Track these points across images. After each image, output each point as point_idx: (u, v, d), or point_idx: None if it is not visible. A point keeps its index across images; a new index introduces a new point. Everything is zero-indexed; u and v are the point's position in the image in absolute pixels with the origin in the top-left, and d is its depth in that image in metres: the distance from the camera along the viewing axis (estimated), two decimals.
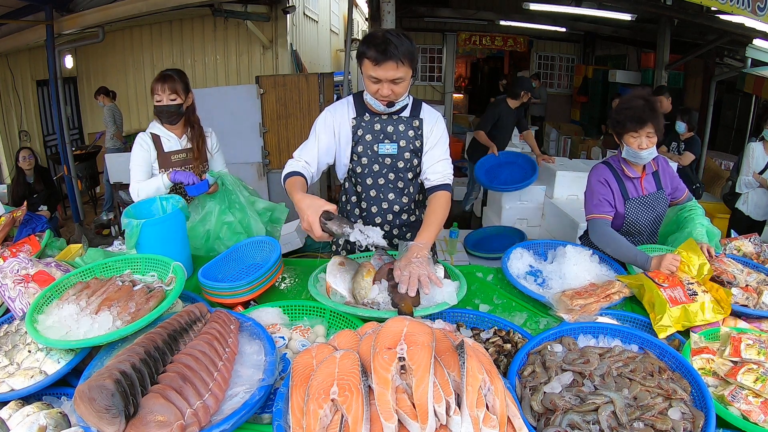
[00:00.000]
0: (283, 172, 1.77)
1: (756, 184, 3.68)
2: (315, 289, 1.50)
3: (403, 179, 1.87)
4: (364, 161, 1.83)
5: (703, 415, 1.04)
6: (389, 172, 1.85)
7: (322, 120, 1.82)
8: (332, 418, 0.85)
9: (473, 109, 13.07)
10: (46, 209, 4.46)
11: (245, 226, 2.11)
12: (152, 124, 2.27)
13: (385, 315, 1.33)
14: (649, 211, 2.01)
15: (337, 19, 12.13)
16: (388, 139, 1.80)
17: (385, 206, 1.90)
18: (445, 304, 1.40)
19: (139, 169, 2.21)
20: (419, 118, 1.82)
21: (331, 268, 1.56)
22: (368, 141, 1.81)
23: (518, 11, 7.94)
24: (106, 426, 0.89)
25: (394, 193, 1.88)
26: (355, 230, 1.40)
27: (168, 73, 2.19)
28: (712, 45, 6.12)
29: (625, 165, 2.01)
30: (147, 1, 5.00)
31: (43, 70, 5.58)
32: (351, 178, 1.89)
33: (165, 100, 2.16)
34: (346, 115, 1.81)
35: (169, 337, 1.09)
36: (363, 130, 1.80)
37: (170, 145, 2.25)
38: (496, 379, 0.90)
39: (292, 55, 7.29)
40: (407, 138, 1.81)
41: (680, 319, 1.41)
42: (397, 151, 1.82)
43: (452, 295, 1.44)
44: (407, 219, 1.95)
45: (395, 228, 1.95)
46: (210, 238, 2.09)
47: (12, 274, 1.45)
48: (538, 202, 4.64)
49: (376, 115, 1.80)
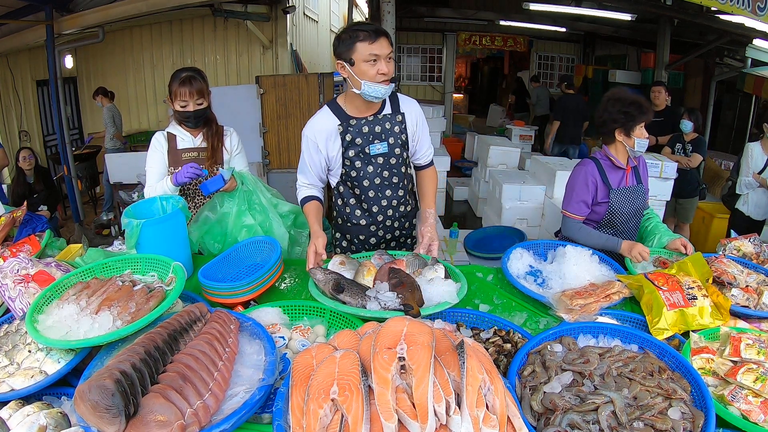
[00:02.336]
0: (298, 196, 1.94)
1: (756, 184, 3.67)
2: (315, 289, 1.50)
3: (397, 174, 1.94)
4: (357, 164, 1.87)
5: (702, 414, 1.04)
6: (383, 170, 1.90)
7: (305, 142, 1.87)
8: (332, 417, 0.85)
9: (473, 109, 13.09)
10: (46, 209, 4.46)
11: (266, 229, 1.97)
12: (171, 124, 2.14)
13: (386, 315, 1.32)
14: (630, 202, 2.11)
15: (337, 19, 12.14)
16: (377, 138, 1.85)
17: (384, 203, 1.96)
18: (446, 304, 1.40)
19: (152, 171, 2.09)
20: (401, 112, 1.88)
21: (332, 267, 1.59)
22: (359, 144, 1.84)
23: (518, 11, 7.96)
24: (106, 426, 0.89)
25: (390, 189, 1.95)
26: (371, 299, 1.38)
27: (190, 74, 1.99)
28: (712, 45, 6.13)
29: (613, 157, 2.10)
30: (147, 1, 5.01)
31: (43, 70, 5.59)
32: (346, 182, 1.92)
33: (192, 105, 2.00)
34: (328, 125, 1.83)
35: (169, 337, 1.09)
36: (351, 134, 1.83)
37: (184, 144, 2.11)
38: (496, 379, 0.90)
39: (292, 55, 7.29)
40: (394, 134, 1.87)
41: (677, 323, 1.40)
42: (388, 149, 1.87)
43: (452, 294, 1.45)
44: (404, 210, 2.03)
45: (396, 221, 2.02)
46: (226, 242, 1.98)
47: (12, 274, 1.45)
48: (538, 202, 4.65)
49: (360, 119, 1.83)
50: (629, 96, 2.06)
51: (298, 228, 2.13)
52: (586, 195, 2.09)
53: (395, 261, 1.63)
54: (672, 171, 4.06)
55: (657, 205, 4.09)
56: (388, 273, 1.48)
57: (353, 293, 1.40)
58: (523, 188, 4.65)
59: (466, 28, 9.92)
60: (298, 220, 2.14)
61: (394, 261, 1.63)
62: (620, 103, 2.04)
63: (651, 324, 1.41)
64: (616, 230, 2.13)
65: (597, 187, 2.09)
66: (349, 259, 1.68)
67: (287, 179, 5.57)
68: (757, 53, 5.95)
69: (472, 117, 11.58)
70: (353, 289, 1.41)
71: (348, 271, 1.61)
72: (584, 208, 2.10)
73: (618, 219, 2.10)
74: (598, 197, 2.10)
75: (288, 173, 5.59)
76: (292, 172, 6.27)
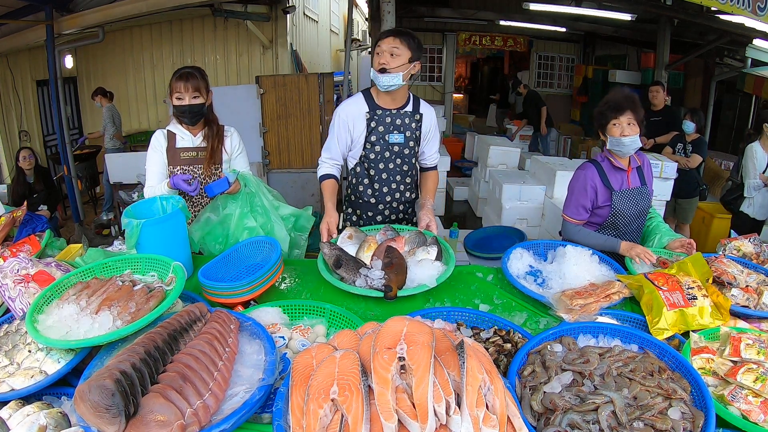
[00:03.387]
0: (318, 172, 2.19)
1: (762, 185, 3.63)
2: (322, 263, 1.73)
3: (407, 163, 2.22)
4: (377, 149, 2.15)
5: (702, 414, 1.04)
6: (397, 158, 2.19)
7: (337, 120, 2.15)
8: (332, 417, 0.85)
9: (473, 109, 13.09)
10: (46, 209, 4.46)
11: (267, 232, 2.01)
12: (171, 122, 2.14)
13: (368, 293, 1.56)
14: (634, 204, 2.08)
15: (337, 19, 12.13)
16: (396, 130, 2.14)
17: (393, 186, 2.24)
18: (424, 287, 1.59)
19: (152, 170, 2.11)
20: (419, 112, 2.19)
21: (341, 240, 1.88)
22: (380, 132, 2.13)
23: (518, 11, 7.95)
24: (106, 426, 0.89)
25: (400, 175, 2.23)
26: (361, 276, 1.63)
27: (189, 71, 2.05)
28: (712, 45, 6.13)
29: (613, 158, 2.08)
30: (147, 1, 5.00)
31: (43, 70, 5.59)
32: (364, 163, 2.19)
33: (187, 99, 2.03)
34: (358, 111, 2.11)
35: (169, 336, 1.09)
36: (376, 122, 2.11)
37: (183, 143, 2.12)
38: (496, 379, 0.90)
39: (292, 55, 7.29)
40: (411, 129, 2.16)
41: (677, 323, 1.40)
42: (404, 141, 2.16)
43: (432, 279, 1.61)
44: (409, 197, 2.31)
45: (401, 204, 2.30)
46: (228, 243, 1.99)
47: (12, 273, 1.45)
48: (538, 202, 4.65)
49: (386, 110, 2.12)
50: (611, 96, 2.05)
51: (297, 231, 2.16)
52: (584, 200, 2.08)
53: (397, 238, 1.86)
54: (672, 171, 4.06)
55: (657, 205, 4.09)
56: (384, 251, 1.70)
57: (349, 269, 1.65)
58: (523, 188, 4.64)
59: (466, 28, 9.91)
60: (298, 223, 2.16)
61: (396, 238, 1.86)
62: (602, 103, 2.06)
63: (651, 324, 1.41)
64: (619, 232, 2.10)
65: (597, 192, 2.07)
66: (358, 232, 1.96)
67: (287, 179, 5.58)
68: (757, 53, 5.95)
69: (472, 117, 11.58)
70: (350, 266, 1.66)
71: (353, 244, 1.87)
72: (583, 212, 2.09)
73: (621, 221, 2.08)
74: (599, 201, 2.08)
75: (288, 173, 5.59)
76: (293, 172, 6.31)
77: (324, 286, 1.71)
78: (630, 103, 1.99)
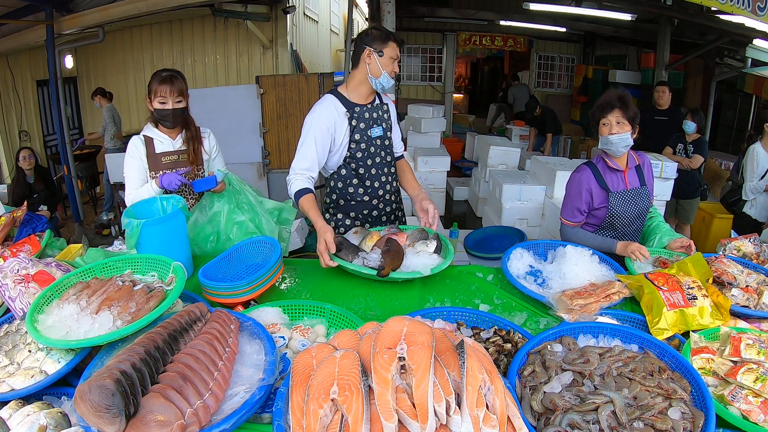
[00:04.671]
0: (291, 188, 2.03)
1: (762, 188, 3.61)
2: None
3: (389, 154, 2.25)
4: (362, 146, 2.13)
5: (703, 414, 1.04)
6: (381, 151, 2.20)
7: (315, 123, 2.04)
8: (332, 417, 0.85)
9: (473, 109, 13.08)
10: (46, 209, 4.45)
11: (256, 225, 2.07)
12: (146, 127, 2.11)
13: (362, 270, 1.65)
14: (632, 205, 2.06)
15: (337, 19, 12.12)
16: (375, 123, 2.15)
17: (383, 179, 2.24)
18: (417, 273, 1.66)
19: (131, 177, 2.08)
20: (384, 103, 2.24)
21: (349, 234, 1.96)
22: (362, 128, 2.12)
23: (518, 11, 7.96)
24: (106, 426, 0.89)
25: (386, 167, 2.24)
26: (359, 257, 1.72)
27: (172, 74, 2.03)
28: (712, 45, 6.12)
29: (608, 158, 2.06)
30: (147, 1, 5.00)
31: (43, 70, 5.58)
32: (350, 164, 2.16)
33: (171, 103, 2.01)
34: (336, 112, 2.07)
35: (169, 336, 1.09)
36: (357, 120, 2.10)
37: (163, 147, 2.09)
38: (496, 379, 0.90)
39: (292, 55, 7.29)
40: (384, 120, 2.20)
41: (677, 323, 1.40)
42: (383, 132, 2.19)
43: (427, 268, 1.68)
44: (395, 186, 2.34)
45: (391, 195, 2.31)
46: (220, 240, 2.03)
47: (12, 273, 1.45)
48: (538, 202, 4.65)
49: (362, 106, 2.12)
50: (603, 96, 2.04)
51: (281, 224, 2.19)
52: (579, 203, 2.07)
53: (399, 233, 1.89)
54: (672, 171, 4.05)
55: (657, 205, 4.06)
56: (385, 241, 1.77)
57: (349, 252, 1.73)
58: (523, 188, 4.64)
59: (466, 28, 9.92)
60: (281, 216, 2.20)
61: (398, 233, 1.89)
62: (595, 104, 2.06)
63: (651, 324, 1.41)
64: (617, 233, 2.09)
65: (592, 194, 2.05)
66: (363, 230, 1.98)
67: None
68: (757, 53, 5.94)
69: (472, 117, 11.57)
70: (350, 249, 1.75)
71: (359, 237, 1.92)
72: (578, 215, 2.09)
73: (618, 222, 2.06)
74: (595, 203, 2.06)
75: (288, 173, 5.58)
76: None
77: (324, 287, 1.71)
78: (618, 101, 1.95)
